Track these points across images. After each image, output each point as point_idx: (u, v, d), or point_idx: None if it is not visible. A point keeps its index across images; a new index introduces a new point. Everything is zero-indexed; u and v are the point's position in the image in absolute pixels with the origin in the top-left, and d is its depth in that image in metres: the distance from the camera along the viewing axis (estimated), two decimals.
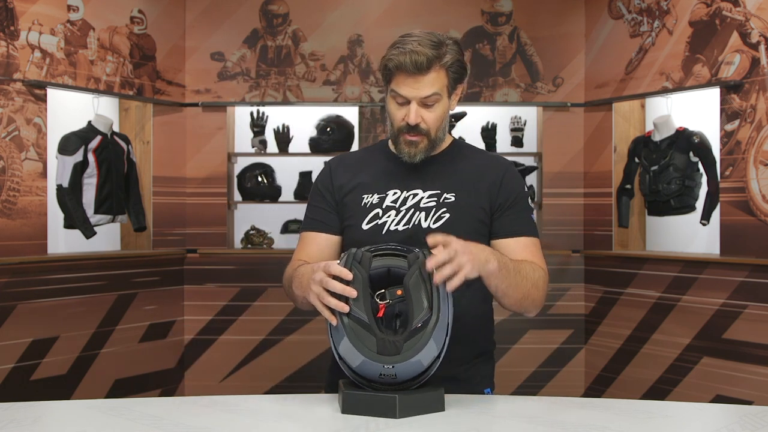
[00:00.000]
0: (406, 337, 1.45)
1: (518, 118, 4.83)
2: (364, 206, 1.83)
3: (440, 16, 4.75)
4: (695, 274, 4.05)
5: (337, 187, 1.88)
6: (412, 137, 1.78)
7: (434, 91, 1.73)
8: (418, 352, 1.44)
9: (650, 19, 4.36)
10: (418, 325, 1.46)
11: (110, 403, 1.62)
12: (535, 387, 4.72)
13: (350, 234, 1.83)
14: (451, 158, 1.87)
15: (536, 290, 1.71)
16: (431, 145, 1.81)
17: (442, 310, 1.47)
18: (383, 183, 1.84)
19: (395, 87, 1.75)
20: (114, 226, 4.56)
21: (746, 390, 3.77)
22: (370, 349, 1.44)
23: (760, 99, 3.73)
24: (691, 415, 1.58)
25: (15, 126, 3.81)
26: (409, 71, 1.71)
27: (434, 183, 1.82)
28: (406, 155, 1.80)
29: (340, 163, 1.93)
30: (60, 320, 4.02)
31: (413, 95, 1.73)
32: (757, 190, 3.73)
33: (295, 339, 4.70)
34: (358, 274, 1.48)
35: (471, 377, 1.81)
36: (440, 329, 1.47)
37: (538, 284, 1.71)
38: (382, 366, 1.44)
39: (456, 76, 1.77)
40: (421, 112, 1.75)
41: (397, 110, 1.78)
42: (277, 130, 4.80)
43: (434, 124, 1.78)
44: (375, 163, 1.90)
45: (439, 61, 1.72)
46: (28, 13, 3.88)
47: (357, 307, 1.46)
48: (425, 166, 1.84)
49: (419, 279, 1.49)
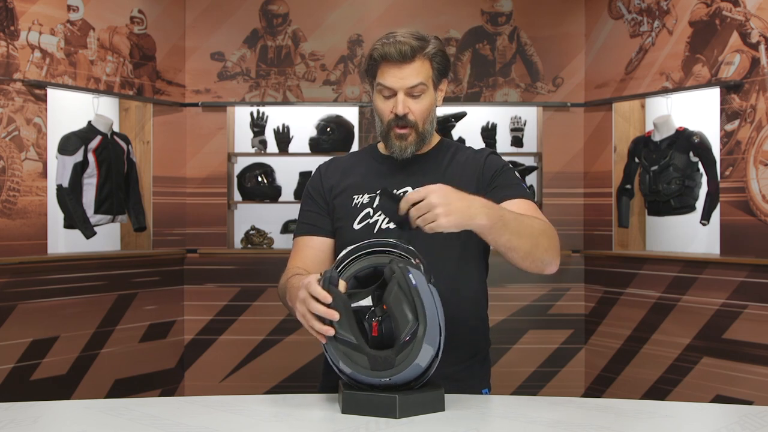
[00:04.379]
0: (397, 351, 1.45)
1: (518, 118, 4.83)
2: (354, 207, 1.83)
3: (440, 16, 4.75)
4: (695, 274, 4.05)
5: (327, 189, 1.89)
6: (401, 130, 1.79)
7: (420, 80, 1.76)
8: (413, 361, 1.44)
9: (650, 19, 4.36)
10: (406, 339, 1.45)
11: (110, 403, 1.62)
12: (535, 387, 4.71)
13: (342, 235, 1.83)
14: (438, 156, 1.88)
15: (546, 238, 1.66)
16: (420, 138, 1.81)
17: (429, 315, 1.45)
18: (373, 183, 1.85)
19: (381, 79, 1.77)
20: (114, 226, 4.56)
21: (746, 390, 3.77)
22: (363, 366, 1.45)
23: (760, 99, 3.73)
24: (691, 415, 1.58)
25: (15, 126, 3.81)
26: (394, 60, 1.73)
27: (423, 180, 1.82)
28: (397, 149, 1.81)
29: (330, 166, 1.94)
30: (60, 320, 4.02)
31: (399, 85, 1.75)
32: (757, 190, 3.73)
33: (294, 339, 4.70)
34: (337, 298, 1.47)
35: (468, 377, 1.81)
36: (431, 332, 1.46)
37: (546, 232, 1.67)
38: (379, 380, 1.46)
39: (440, 68, 1.80)
40: (408, 103, 1.77)
41: (384, 103, 1.79)
42: (277, 130, 4.80)
43: (421, 115, 1.79)
44: (364, 164, 1.91)
45: (423, 50, 1.75)
46: (28, 13, 3.89)
47: (343, 330, 1.46)
48: (414, 165, 1.85)
49: (399, 293, 1.47)
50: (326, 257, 1.86)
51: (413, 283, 1.46)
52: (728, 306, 3.87)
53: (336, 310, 1.46)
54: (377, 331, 1.50)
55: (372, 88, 1.83)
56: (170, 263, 4.66)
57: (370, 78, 1.82)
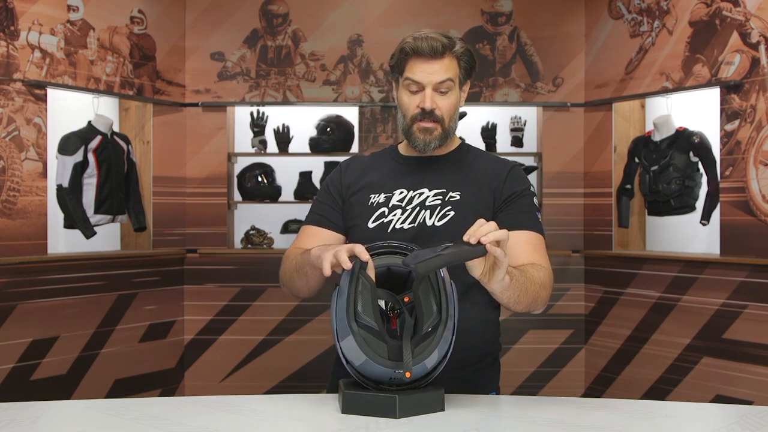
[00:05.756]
0: (417, 342, 1.46)
1: (518, 118, 4.83)
2: (370, 206, 1.84)
3: (440, 16, 4.75)
4: (695, 274, 4.05)
5: (345, 186, 1.90)
6: (426, 124, 1.80)
7: (448, 76, 1.77)
8: (429, 355, 1.45)
9: (650, 19, 4.36)
10: (428, 330, 1.47)
11: (110, 403, 1.62)
12: (535, 387, 4.72)
13: (356, 233, 1.83)
14: (458, 158, 1.88)
15: (544, 290, 1.68)
16: (445, 135, 1.82)
17: (450, 312, 1.48)
18: (391, 183, 1.86)
19: (410, 73, 1.78)
20: (114, 226, 4.56)
21: (746, 390, 3.77)
22: (381, 355, 1.45)
23: (760, 99, 3.73)
24: (691, 415, 1.58)
25: (15, 126, 3.81)
26: (426, 55, 1.75)
27: (441, 182, 1.83)
28: (421, 143, 1.81)
29: (351, 164, 1.95)
30: (60, 320, 4.02)
31: (428, 80, 1.77)
32: (757, 190, 3.73)
33: (295, 339, 4.70)
34: (366, 282, 1.48)
35: (477, 380, 1.81)
36: (448, 331, 1.48)
37: (545, 284, 1.69)
38: (393, 371, 1.45)
39: (466, 66, 1.81)
40: (435, 98, 1.78)
41: (410, 98, 1.80)
42: (277, 130, 4.80)
43: (448, 112, 1.80)
44: (384, 164, 1.91)
45: (452, 48, 1.78)
46: (28, 13, 3.89)
47: (366, 314, 1.46)
48: (433, 166, 1.86)
49: (428, 284, 1.49)
50: None
51: (442, 275, 1.49)
52: (728, 306, 3.87)
53: (363, 294, 1.46)
54: (395, 325, 1.51)
55: (397, 84, 1.84)
56: (170, 263, 4.66)
57: (396, 74, 1.82)
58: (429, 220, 1.78)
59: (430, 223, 1.77)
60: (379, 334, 1.46)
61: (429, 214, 1.78)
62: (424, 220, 1.78)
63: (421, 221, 1.78)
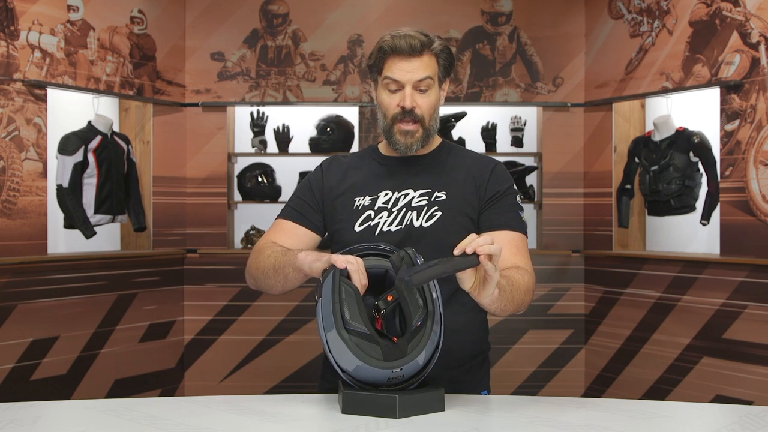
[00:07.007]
0: (409, 338, 1.46)
1: (518, 118, 4.83)
2: (356, 209, 1.81)
3: (440, 16, 4.75)
4: (695, 274, 4.05)
5: (327, 188, 1.87)
6: (407, 125, 1.78)
7: (428, 74, 1.76)
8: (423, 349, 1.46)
9: (650, 19, 4.36)
10: (418, 324, 1.48)
11: (110, 403, 1.62)
12: (535, 387, 4.72)
13: (343, 236, 1.81)
14: (440, 157, 1.87)
15: (528, 295, 1.68)
16: (426, 135, 1.80)
17: (436, 304, 1.49)
18: (375, 185, 1.84)
19: (389, 72, 1.76)
20: (114, 226, 4.56)
21: (746, 390, 3.77)
22: (376, 358, 1.45)
23: (760, 99, 3.73)
24: (691, 415, 1.58)
25: (15, 126, 3.81)
26: (404, 53, 1.73)
27: (425, 182, 1.82)
28: (402, 146, 1.80)
29: (332, 165, 1.92)
30: (60, 320, 4.02)
31: (407, 78, 1.75)
32: (757, 190, 3.73)
33: (294, 339, 4.70)
34: (349, 290, 1.48)
35: (468, 379, 1.81)
36: (436, 324, 1.49)
37: (529, 289, 1.68)
38: (390, 371, 1.45)
39: (445, 64, 1.80)
40: (415, 97, 1.77)
41: (390, 98, 1.78)
42: (277, 130, 4.80)
43: (428, 110, 1.78)
44: (365, 166, 1.89)
45: (430, 46, 1.76)
46: (28, 13, 3.89)
47: (354, 321, 1.46)
48: (416, 166, 1.84)
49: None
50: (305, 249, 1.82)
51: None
52: (728, 306, 3.87)
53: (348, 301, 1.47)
54: (381, 326, 1.52)
55: (376, 84, 1.82)
56: (170, 263, 4.66)
57: (375, 73, 1.80)
58: (416, 222, 1.77)
59: (418, 224, 1.76)
60: (370, 337, 1.46)
61: (416, 215, 1.77)
62: (411, 222, 1.77)
63: (409, 223, 1.77)
